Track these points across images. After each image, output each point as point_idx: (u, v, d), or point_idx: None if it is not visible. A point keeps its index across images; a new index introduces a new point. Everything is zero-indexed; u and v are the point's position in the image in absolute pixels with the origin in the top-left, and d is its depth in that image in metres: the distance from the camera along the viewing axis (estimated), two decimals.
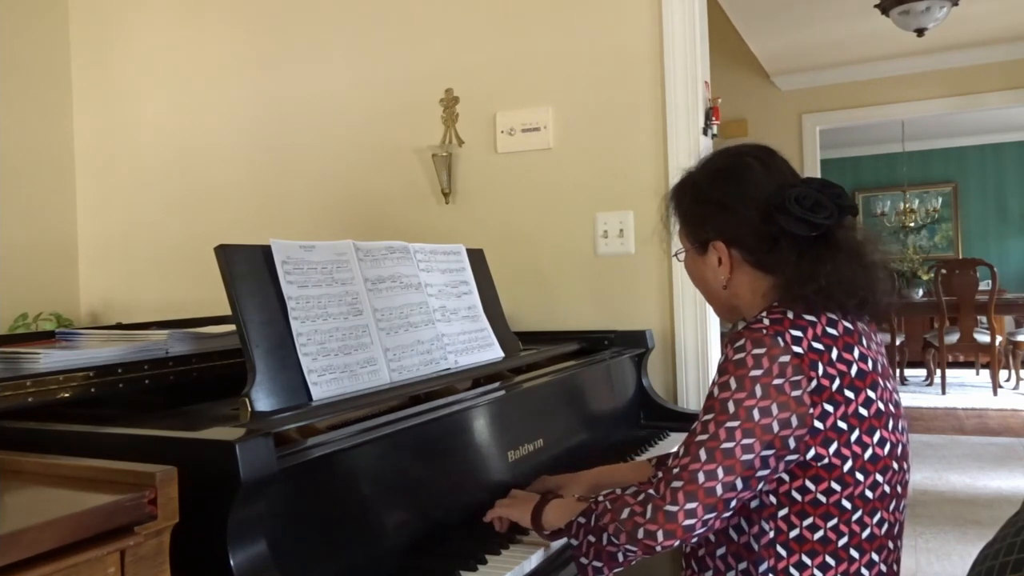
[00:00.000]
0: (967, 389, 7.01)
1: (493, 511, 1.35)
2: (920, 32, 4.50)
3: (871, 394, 1.13)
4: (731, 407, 1.09)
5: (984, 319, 6.69)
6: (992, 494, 3.94)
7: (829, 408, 1.09)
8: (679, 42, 2.28)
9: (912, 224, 8.52)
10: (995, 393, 6.60)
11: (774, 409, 1.08)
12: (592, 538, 1.16)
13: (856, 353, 1.13)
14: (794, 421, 1.08)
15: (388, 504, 1.22)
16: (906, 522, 1.25)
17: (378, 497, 1.21)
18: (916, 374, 7.67)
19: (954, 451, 4.83)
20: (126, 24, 3.08)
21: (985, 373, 7.27)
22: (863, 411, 1.11)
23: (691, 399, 2.29)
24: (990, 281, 6.61)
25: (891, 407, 1.16)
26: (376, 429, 1.21)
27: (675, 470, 1.11)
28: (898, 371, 7.00)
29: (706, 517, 1.08)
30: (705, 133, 2.33)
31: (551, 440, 1.66)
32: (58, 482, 0.90)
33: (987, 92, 5.89)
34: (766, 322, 1.13)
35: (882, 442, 1.13)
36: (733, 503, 1.10)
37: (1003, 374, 7.03)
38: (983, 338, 6.64)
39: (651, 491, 1.12)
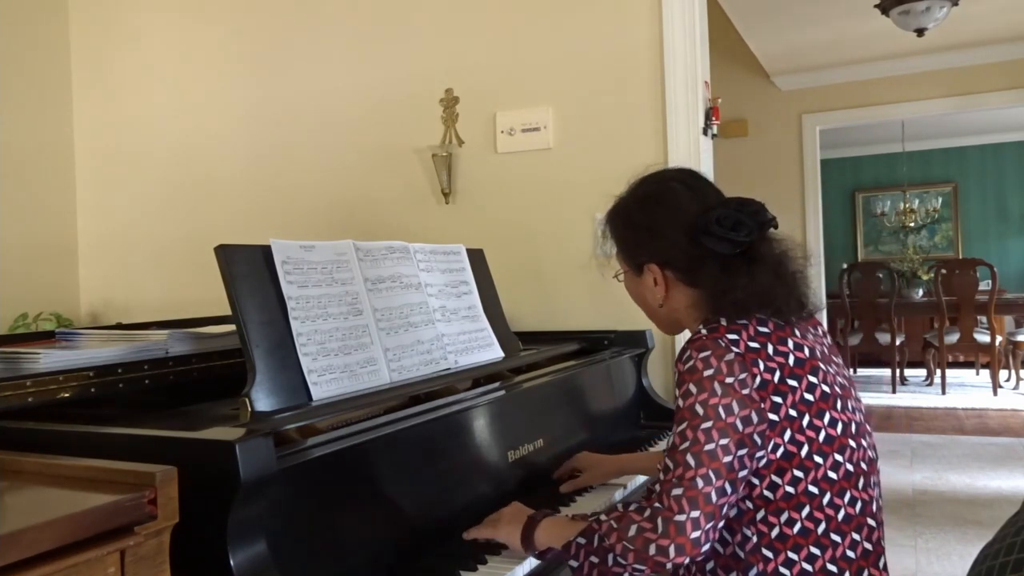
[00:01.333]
0: (967, 389, 7.01)
1: (477, 531, 1.30)
2: (920, 32, 4.49)
3: (812, 379, 1.17)
4: (699, 409, 1.13)
5: (984, 319, 6.69)
6: (992, 494, 3.94)
7: (778, 399, 1.14)
8: (679, 42, 2.28)
9: (912, 224, 8.52)
10: (995, 393, 6.60)
11: (735, 407, 1.12)
12: (595, 559, 1.15)
13: (791, 344, 1.18)
14: (754, 417, 1.12)
15: (388, 504, 1.22)
16: (906, 522, 1.26)
17: (378, 497, 1.21)
18: (916, 374, 7.67)
19: (954, 451, 4.82)
20: (126, 24, 3.09)
21: (985, 373, 7.27)
22: (808, 396, 1.16)
23: None
24: (990, 281, 6.61)
25: (837, 388, 1.20)
26: (376, 429, 1.22)
27: (672, 481, 1.12)
28: (898, 371, 6.99)
29: (707, 527, 1.10)
30: (705, 133, 2.33)
31: (551, 440, 1.66)
32: (58, 482, 0.90)
33: (987, 92, 5.88)
34: (703, 332, 1.19)
35: (833, 423, 1.17)
36: (724, 509, 1.12)
37: (1003, 374, 7.03)
38: (983, 338, 6.64)
39: (656, 504, 1.12)
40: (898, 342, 6.90)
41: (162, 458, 0.88)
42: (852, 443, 1.18)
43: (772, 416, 1.13)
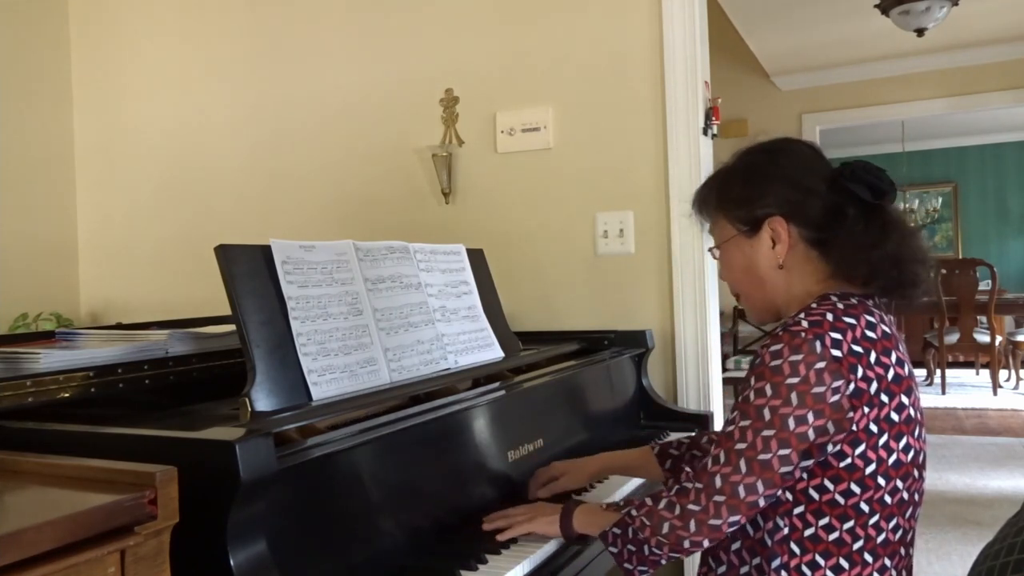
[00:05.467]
0: (967, 389, 7.01)
1: (512, 530, 1.30)
2: (920, 32, 4.50)
3: (904, 400, 1.12)
4: (767, 414, 1.09)
5: (984, 319, 6.69)
6: (992, 494, 3.94)
7: (866, 410, 1.09)
8: (679, 42, 2.28)
9: (912, 224, 8.52)
10: (995, 393, 6.60)
11: (810, 417, 1.07)
12: (632, 548, 1.18)
13: (894, 357, 1.13)
14: (831, 427, 1.08)
15: (388, 504, 1.22)
16: None
17: (378, 497, 1.21)
18: (916, 374, 7.62)
19: (954, 451, 4.83)
20: (126, 24, 3.08)
21: (985, 373, 7.27)
22: (895, 416, 1.11)
23: (691, 399, 2.29)
24: (990, 281, 6.61)
25: (919, 414, 1.16)
26: (376, 429, 1.21)
27: (716, 481, 1.11)
28: None
29: (744, 521, 1.13)
30: (705, 133, 2.33)
31: (551, 440, 1.66)
32: (58, 482, 0.90)
33: (987, 92, 5.89)
34: (804, 324, 1.11)
35: (907, 448, 1.12)
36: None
37: (1003, 374, 7.03)
38: (983, 338, 6.64)
39: (691, 505, 1.12)
40: None
41: (162, 458, 0.88)
42: (915, 472, 1.15)
43: (853, 427, 1.08)
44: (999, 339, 6.67)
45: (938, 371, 6.90)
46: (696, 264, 2.26)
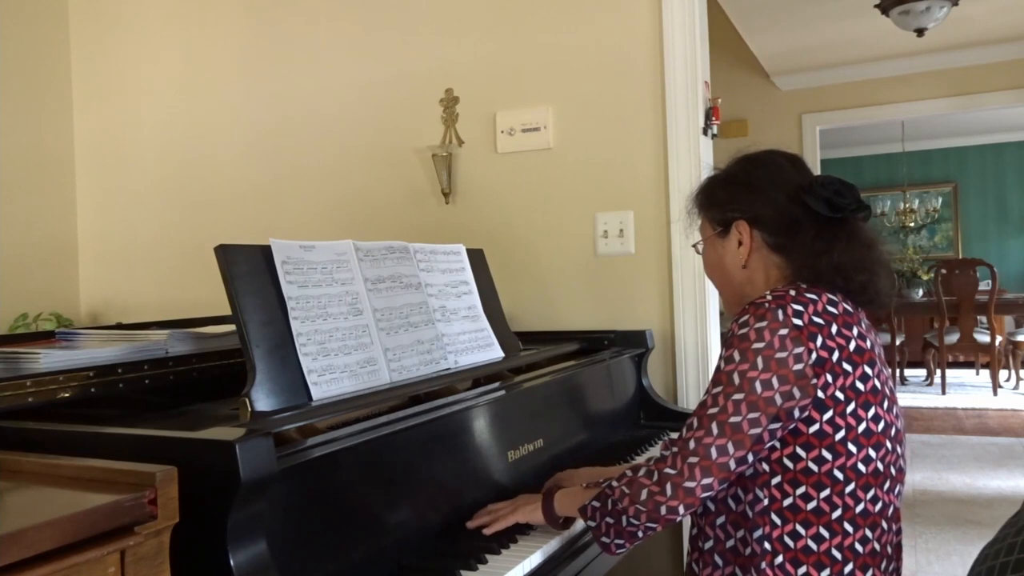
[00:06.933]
0: (967, 389, 7.01)
1: (498, 523, 1.32)
2: (920, 32, 4.50)
3: (868, 370, 1.18)
4: (736, 379, 1.15)
5: (984, 319, 6.69)
6: (992, 494, 3.94)
7: (830, 379, 1.14)
8: (679, 42, 2.28)
9: (912, 224, 8.52)
10: (995, 393, 6.60)
11: (775, 382, 1.13)
12: (611, 520, 1.21)
13: (855, 331, 1.19)
14: (796, 393, 1.13)
15: (388, 504, 1.22)
16: (906, 522, 1.26)
17: (378, 497, 1.21)
18: (916, 374, 7.67)
19: (954, 451, 4.83)
20: (126, 24, 3.08)
21: (985, 373, 7.27)
22: (860, 385, 1.16)
23: (691, 399, 2.29)
24: (990, 281, 6.61)
25: (887, 390, 1.22)
26: (376, 429, 1.22)
27: (690, 444, 1.16)
28: (898, 371, 6.99)
29: (718, 488, 1.16)
30: (705, 133, 2.33)
31: (551, 440, 1.66)
32: (58, 482, 0.90)
33: (987, 92, 5.88)
34: (769, 297, 1.19)
35: (876, 418, 1.18)
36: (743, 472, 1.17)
37: (1003, 374, 7.03)
38: (983, 338, 6.64)
39: (668, 469, 1.17)
40: (898, 342, 6.90)
41: (162, 458, 0.88)
42: (889, 445, 1.19)
43: (820, 394, 1.14)
44: (999, 339, 6.67)
45: (938, 371, 6.90)
46: (696, 264, 2.26)
